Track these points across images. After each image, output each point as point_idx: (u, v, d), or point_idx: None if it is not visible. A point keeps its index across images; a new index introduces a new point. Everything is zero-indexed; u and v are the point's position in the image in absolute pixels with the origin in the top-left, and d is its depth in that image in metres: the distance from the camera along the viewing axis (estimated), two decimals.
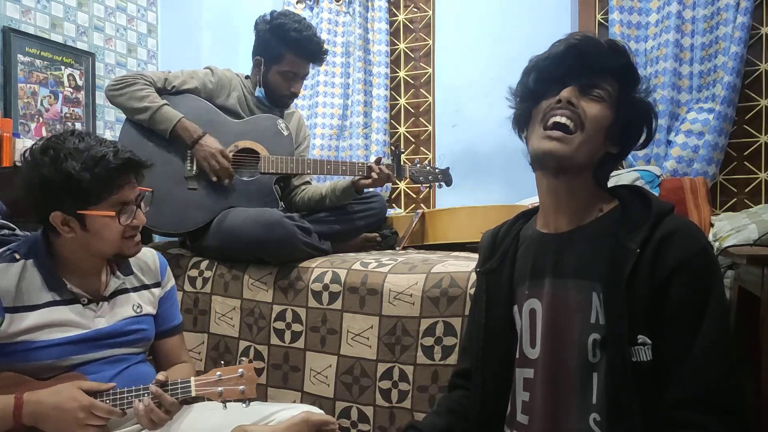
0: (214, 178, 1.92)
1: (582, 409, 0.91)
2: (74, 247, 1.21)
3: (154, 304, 1.36)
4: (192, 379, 1.14)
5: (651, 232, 0.89)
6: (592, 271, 0.92)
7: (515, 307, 1.03)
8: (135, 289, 1.32)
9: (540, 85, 0.99)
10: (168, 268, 1.43)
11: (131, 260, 1.33)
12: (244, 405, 1.12)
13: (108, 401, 1.11)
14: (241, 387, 1.12)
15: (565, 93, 0.94)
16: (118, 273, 1.29)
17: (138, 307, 1.30)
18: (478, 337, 1.07)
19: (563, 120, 0.93)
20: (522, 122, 1.04)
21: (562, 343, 0.95)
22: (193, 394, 1.13)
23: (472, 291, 1.49)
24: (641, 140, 1.01)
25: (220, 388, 1.12)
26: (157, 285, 1.38)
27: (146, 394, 1.11)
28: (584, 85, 0.95)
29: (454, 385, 1.18)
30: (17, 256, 1.19)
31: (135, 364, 1.27)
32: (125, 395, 1.12)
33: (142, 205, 1.25)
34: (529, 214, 1.11)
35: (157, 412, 1.10)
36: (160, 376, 1.15)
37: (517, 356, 1.02)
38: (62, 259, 1.22)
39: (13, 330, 1.13)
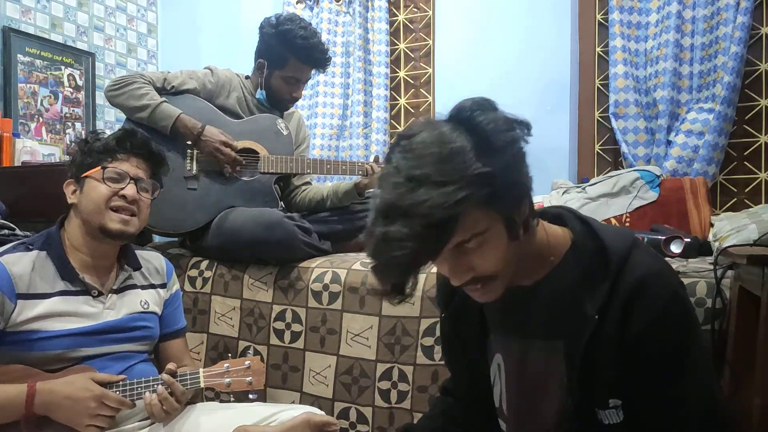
0: (227, 171, 1.93)
1: None
2: (78, 230, 1.25)
3: (160, 305, 1.38)
4: (201, 370, 1.16)
5: (612, 290, 0.80)
6: (557, 332, 0.86)
7: (488, 354, 0.98)
8: (143, 287, 1.35)
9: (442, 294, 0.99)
10: (174, 272, 1.46)
11: (140, 258, 1.36)
12: (252, 396, 1.13)
13: (118, 392, 1.13)
14: (249, 378, 1.13)
15: (452, 279, 0.81)
16: (126, 266, 1.32)
17: (145, 303, 1.33)
18: (465, 379, 1.03)
19: (480, 290, 0.82)
20: None
21: (530, 408, 0.91)
22: (202, 384, 1.15)
23: None
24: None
25: (228, 379, 1.13)
26: (164, 286, 1.40)
27: (157, 384, 1.14)
28: (453, 254, 0.78)
29: (445, 391, 1.16)
30: (31, 247, 1.23)
31: (139, 362, 1.29)
32: (135, 387, 1.14)
33: (142, 190, 1.29)
34: None
35: (170, 401, 1.12)
36: (171, 365, 1.18)
37: (496, 405, 0.97)
38: (73, 250, 1.25)
39: (24, 317, 1.15)
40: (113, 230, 1.23)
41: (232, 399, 1.14)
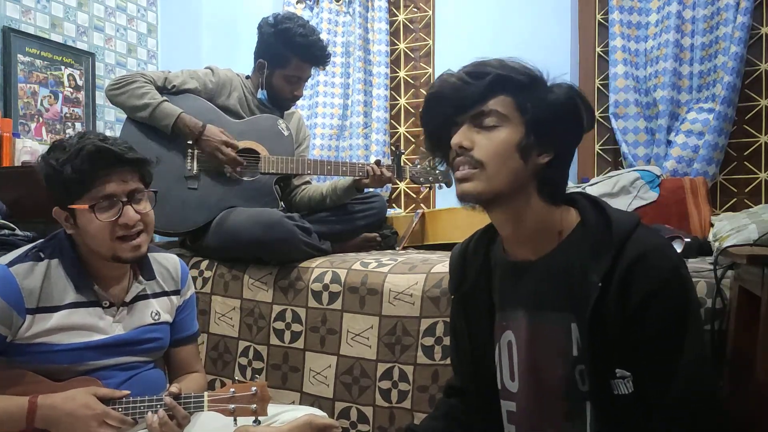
0: (228, 171, 1.94)
1: None
2: (85, 247, 1.19)
3: (172, 312, 1.34)
4: (205, 394, 1.13)
5: (615, 260, 0.84)
6: (566, 303, 0.89)
7: (495, 335, 1.00)
8: (155, 295, 1.30)
9: (435, 138, 0.97)
10: (189, 276, 1.41)
11: (153, 265, 1.31)
12: (254, 424, 1.12)
13: (121, 410, 1.10)
14: (254, 406, 1.10)
15: (454, 140, 0.90)
16: (140, 278, 1.27)
17: (156, 314, 1.29)
18: (468, 364, 1.04)
19: (465, 170, 0.90)
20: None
21: (542, 378, 0.92)
22: (206, 409, 1.12)
23: None
24: (579, 132, 0.92)
25: (232, 406, 1.11)
26: (177, 293, 1.35)
27: (160, 406, 1.10)
28: (472, 117, 0.90)
29: (449, 393, 1.16)
30: (42, 255, 1.17)
31: (146, 370, 1.26)
32: (138, 405, 1.11)
33: (139, 202, 1.18)
34: (494, 229, 1.04)
35: (170, 425, 1.08)
36: (174, 388, 1.13)
37: (499, 387, 0.99)
38: (84, 260, 1.21)
39: (33, 331, 1.12)
40: (127, 258, 1.17)
41: (235, 423, 1.12)
